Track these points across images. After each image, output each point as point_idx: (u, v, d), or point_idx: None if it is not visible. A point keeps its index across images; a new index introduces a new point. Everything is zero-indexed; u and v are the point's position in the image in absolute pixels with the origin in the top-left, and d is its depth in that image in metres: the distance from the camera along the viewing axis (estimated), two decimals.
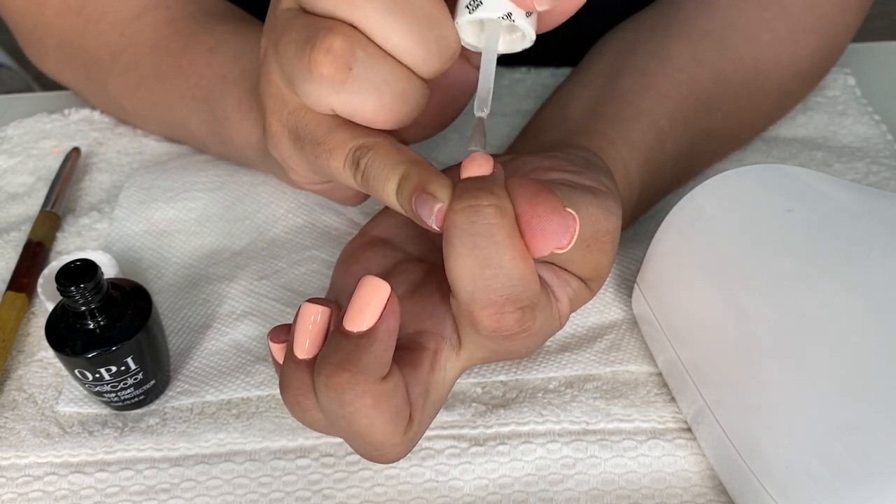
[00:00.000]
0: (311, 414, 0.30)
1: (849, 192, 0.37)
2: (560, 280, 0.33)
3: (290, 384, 0.30)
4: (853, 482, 0.28)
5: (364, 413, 0.28)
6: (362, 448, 0.31)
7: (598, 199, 0.32)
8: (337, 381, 0.28)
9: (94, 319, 0.35)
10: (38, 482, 0.36)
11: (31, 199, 0.49)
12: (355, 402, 0.28)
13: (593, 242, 0.31)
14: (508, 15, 0.30)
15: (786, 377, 0.31)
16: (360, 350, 0.28)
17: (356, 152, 0.31)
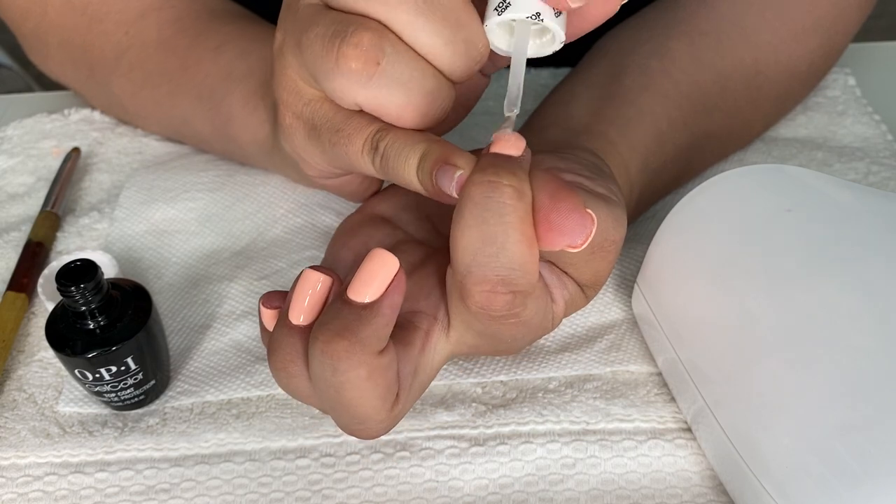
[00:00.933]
0: (297, 381, 0.30)
1: (849, 192, 0.37)
2: (559, 281, 0.33)
3: (280, 349, 0.30)
4: (853, 482, 0.28)
5: (356, 384, 0.28)
6: (346, 420, 0.31)
7: (609, 208, 0.32)
8: (334, 349, 0.28)
9: (94, 319, 0.35)
10: (38, 482, 0.36)
11: (31, 200, 0.49)
12: (349, 371, 0.28)
13: (598, 250, 0.31)
14: (537, 15, 0.30)
15: (786, 377, 0.31)
16: (361, 320, 0.28)
17: (376, 135, 0.31)
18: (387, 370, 0.29)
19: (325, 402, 0.30)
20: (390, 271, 0.29)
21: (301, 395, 0.31)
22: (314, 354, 0.28)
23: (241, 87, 0.44)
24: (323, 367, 0.28)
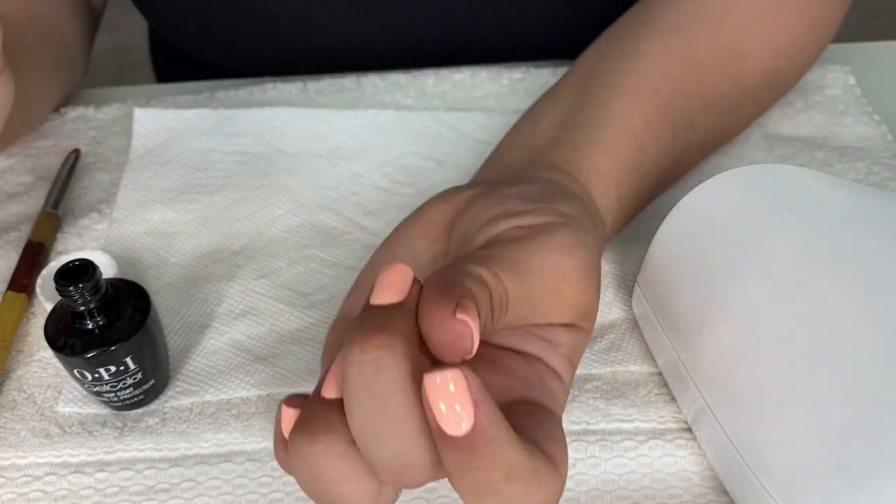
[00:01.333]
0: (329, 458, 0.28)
1: (849, 193, 0.37)
2: (548, 345, 0.32)
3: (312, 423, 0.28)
4: (853, 482, 0.28)
5: (402, 384, 0.26)
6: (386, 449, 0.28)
7: (552, 239, 0.31)
8: (374, 345, 0.26)
9: (92, 319, 0.35)
10: (38, 482, 0.36)
11: (29, 199, 0.49)
12: (394, 367, 0.26)
13: (561, 286, 0.31)
14: None
15: (786, 377, 0.31)
16: (393, 314, 0.27)
17: None
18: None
19: (371, 437, 0.27)
20: (407, 277, 0.27)
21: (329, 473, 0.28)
22: (352, 362, 0.26)
23: None
24: (364, 370, 0.26)
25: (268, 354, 0.40)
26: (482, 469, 0.25)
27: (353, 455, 0.27)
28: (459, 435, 0.24)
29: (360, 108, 0.52)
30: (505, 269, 0.29)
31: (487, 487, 0.25)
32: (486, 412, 0.24)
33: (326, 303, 0.42)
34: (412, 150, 0.50)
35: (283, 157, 0.50)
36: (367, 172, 0.49)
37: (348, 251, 0.45)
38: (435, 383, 0.24)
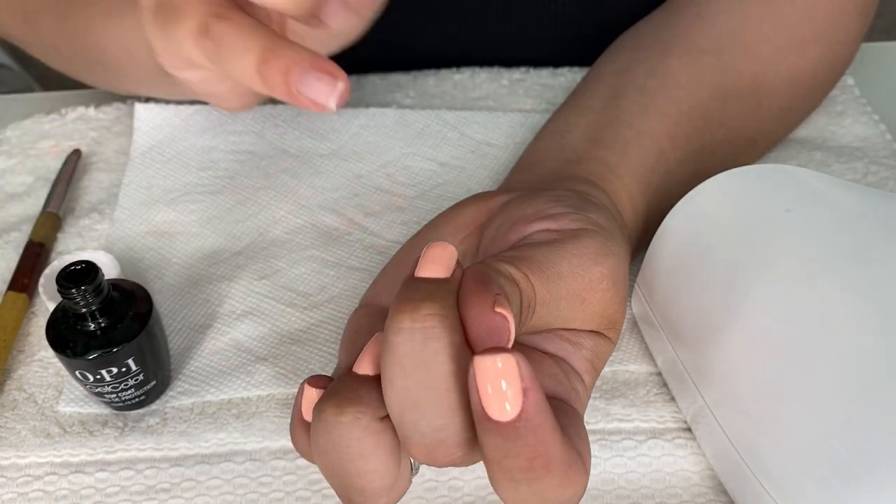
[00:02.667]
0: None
1: (848, 192, 0.37)
2: (573, 346, 0.32)
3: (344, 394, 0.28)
4: (853, 482, 0.28)
5: (453, 351, 0.26)
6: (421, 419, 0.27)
7: (581, 246, 0.31)
8: (427, 313, 0.25)
9: (94, 321, 0.35)
10: (39, 482, 0.36)
11: (30, 199, 0.49)
12: (443, 337, 0.25)
13: (588, 293, 0.30)
14: None
15: (786, 377, 0.31)
16: (442, 287, 0.26)
17: (208, 17, 0.29)
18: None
19: (414, 392, 0.26)
20: (452, 256, 0.27)
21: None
22: (400, 330, 0.26)
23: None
24: (413, 337, 0.25)
25: (268, 355, 0.40)
26: (522, 457, 0.25)
27: (379, 431, 0.27)
28: (504, 420, 0.24)
29: (361, 108, 0.53)
30: (535, 271, 0.29)
31: (525, 475, 0.25)
32: (534, 400, 0.24)
33: (328, 303, 0.42)
34: (414, 151, 0.50)
35: (285, 156, 0.50)
36: (368, 173, 0.49)
37: (350, 252, 0.45)
38: (485, 365, 0.24)
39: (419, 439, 0.26)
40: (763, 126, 0.46)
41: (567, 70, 0.55)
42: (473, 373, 0.24)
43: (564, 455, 0.26)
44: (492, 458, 0.26)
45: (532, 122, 0.52)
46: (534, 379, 0.24)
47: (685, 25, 0.45)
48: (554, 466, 0.26)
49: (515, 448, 0.25)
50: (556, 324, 0.31)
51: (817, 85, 0.47)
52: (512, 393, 0.24)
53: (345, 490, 0.29)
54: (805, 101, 0.48)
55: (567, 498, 0.27)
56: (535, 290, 0.29)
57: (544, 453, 0.25)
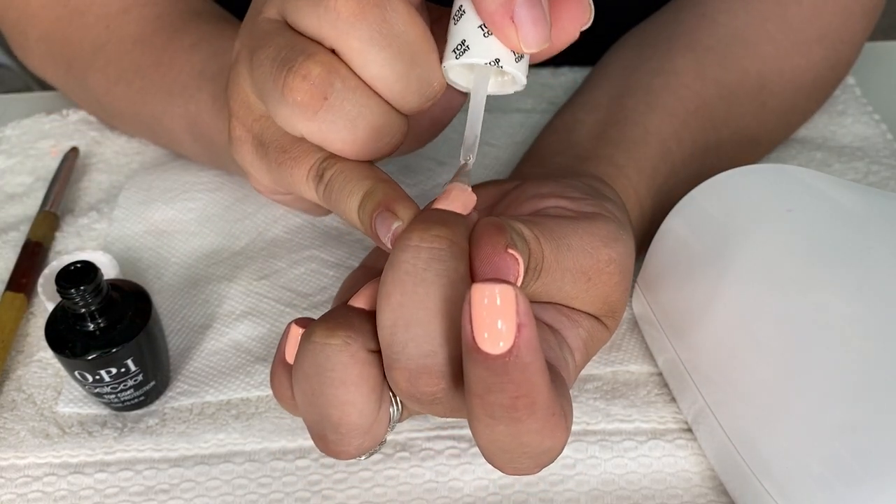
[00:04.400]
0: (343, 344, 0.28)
1: (849, 192, 0.37)
2: (570, 321, 0.32)
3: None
4: (853, 482, 0.28)
5: (454, 276, 0.26)
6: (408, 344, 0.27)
7: (594, 227, 0.31)
8: (436, 235, 0.26)
9: (93, 321, 0.35)
10: (38, 483, 0.36)
11: (29, 199, 0.49)
12: (450, 260, 0.26)
13: (594, 273, 0.30)
14: (496, 61, 0.29)
15: (786, 377, 0.31)
16: (457, 218, 0.27)
17: (322, 163, 0.30)
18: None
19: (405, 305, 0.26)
20: (472, 198, 0.28)
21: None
22: (407, 247, 0.26)
23: (210, 86, 0.43)
24: (418, 255, 0.26)
25: (268, 355, 0.40)
26: (507, 393, 0.24)
27: (366, 363, 0.27)
28: (493, 353, 0.24)
29: None
30: (546, 235, 0.29)
31: (506, 414, 0.25)
32: (527, 337, 0.24)
33: (327, 303, 0.42)
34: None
35: None
36: None
37: (349, 251, 0.45)
38: (483, 293, 0.23)
39: (405, 362, 0.26)
40: (766, 125, 0.46)
41: (567, 70, 0.55)
42: (469, 299, 0.24)
43: (549, 401, 0.25)
44: (475, 391, 0.25)
45: (532, 122, 0.52)
46: (530, 316, 0.24)
47: (690, 24, 0.45)
48: (537, 409, 0.25)
49: (501, 384, 0.24)
50: (558, 297, 0.31)
51: (820, 86, 0.47)
52: (506, 327, 0.23)
53: (320, 425, 0.28)
54: (808, 101, 0.48)
55: (543, 449, 0.26)
56: (544, 254, 0.29)
57: (529, 394, 0.24)
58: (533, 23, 0.28)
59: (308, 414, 0.29)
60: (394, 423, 0.30)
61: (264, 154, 0.32)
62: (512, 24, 0.28)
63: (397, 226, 0.28)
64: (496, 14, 0.28)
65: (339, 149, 0.30)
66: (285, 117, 0.29)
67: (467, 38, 0.29)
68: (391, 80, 0.29)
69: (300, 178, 0.31)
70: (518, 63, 0.30)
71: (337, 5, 0.28)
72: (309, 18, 0.29)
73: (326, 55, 0.29)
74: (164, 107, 0.46)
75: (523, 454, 0.26)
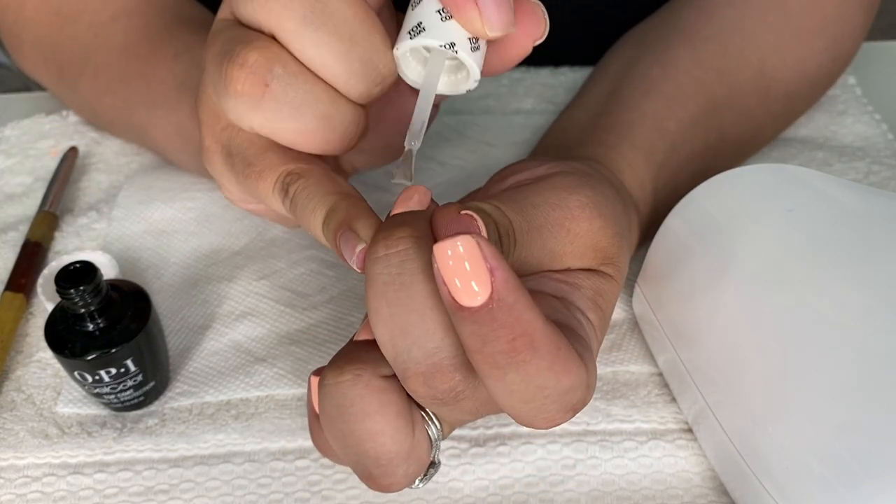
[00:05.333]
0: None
1: (849, 192, 0.37)
2: (570, 286, 0.31)
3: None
4: (853, 482, 0.28)
5: (430, 270, 0.25)
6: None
7: (554, 181, 0.30)
8: (399, 237, 0.26)
9: (93, 321, 0.35)
10: (37, 483, 0.36)
11: (28, 200, 0.49)
12: (420, 256, 0.25)
13: (569, 221, 0.30)
14: (451, 45, 0.28)
15: (786, 377, 0.31)
16: (414, 215, 0.27)
17: (286, 178, 0.30)
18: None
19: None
20: (427, 194, 0.28)
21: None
22: (376, 260, 0.26)
23: (191, 97, 0.42)
24: (389, 262, 0.26)
25: (267, 355, 0.40)
26: (502, 339, 0.24)
27: (383, 389, 0.27)
28: (475, 305, 0.23)
29: None
30: (505, 203, 0.29)
31: (510, 359, 0.24)
32: (502, 278, 0.23)
33: (327, 304, 0.42)
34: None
35: None
36: (368, 173, 0.49)
37: None
38: (445, 251, 0.23)
39: (415, 367, 0.26)
40: (771, 113, 0.46)
41: (567, 70, 0.55)
42: (436, 264, 0.23)
43: (549, 335, 0.25)
44: (472, 348, 0.24)
45: (532, 122, 0.52)
46: (498, 257, 0.23)
47: (687, 19, 0.45)
48: (539, 346, 0.24)
49: (493, 331, 0.24)
50: (548, 260, 0.30)
51: (822, 76, 0.47)
52: (478, 275, 0.23)
53: (361, 463, 0.28)
54: (811, 91, 0.48)
55: (563, 389, 0.25)
56: (510, 218, 0.28)
57: (525, 332, 0.24)
58: (496, 5, 0.28)
59: (347, 456, 0.29)
60: (437, 442, 0.30)
61: (231, 165, 0.32)
62: (475, 7, 0.28)
63: (361, 248, 0.27)
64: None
65: (289, 140, 0.29)
66: (233, 110, 0.29)
67: (424, 21, 0.29)
68: (330, 61, 0.28)
69: (266, 192, 0.31)
70: (473, 53, 0.29)
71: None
72: (245, 6, 0.28)
73: (265, 41, 0.28)
74: (148, 118, 0.46)
75: (545, 398, 0.25)
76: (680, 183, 0.41)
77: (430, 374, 0.26)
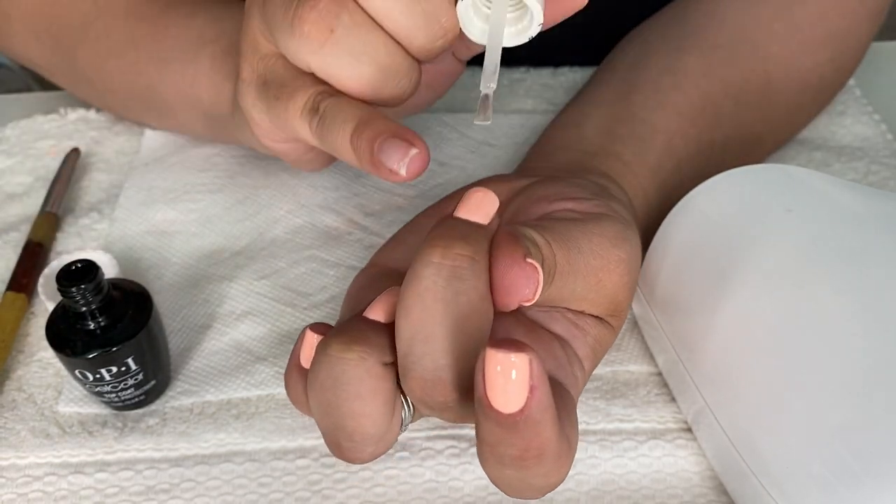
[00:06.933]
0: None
1: (849, 192, 0.37)
2: (579, 331, 0.32)
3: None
4: (853, 482, 0.28)
5: (473, 295, 0.26)
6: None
7: (602, 227, 0.31)
8: (458, 253, 0.26)
9: (94, 320, 0.35)
10: (38, 482, 0.36)
11: (29, 199, 0.49)
12: (471, 279, 0.26)
13: (604, 273, 0.30)
14: None
15: (786, 377, 0.31)
16: (478, 231, 0.27)
17: (317, 96, 0.30)
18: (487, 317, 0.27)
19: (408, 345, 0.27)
20: (494, 203, 0.28)
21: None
22: (429, 263, 0.26)
23: (210, 48, 0.43)
24: (439, 273, 0.26)
25: (268, 355, 0.40)
26: (516, 447, 0.25)
27: (381, 377, 0.28)
28: (505, 412, 0.24)
29: None
30: (557, 240, 0.29)
31: (515, 463, 0.25)
32: (538, 398, 0.24)
33: (328, 303, 0.42)
34: None
35: None
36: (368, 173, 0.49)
37: (350, 252, 0.45)
38: (498, 358, 0.24)
39: (420, 373, 0.26)
40: (772, 124, 0.46)
41: (567, 70, 0.55)
42: (483, 360, 0.24)
43: (558, 448, 0.26)
44: (485, 440, 0.25)
45: (532, 122, 0.52)
46: (543, 377, 0.24)
47: (697, 22, 0.45)
48: (546, 459, 0.26)
49: (511, 439, 0.25)
50: (569, 300, 0.31)
51: (825, 87, 0.47)
52: (518, 389, 0.24)
53: (334, 433, 0.29)
54: (813, 102, 0.48)
55: (550, 484, 0.27)
56: (556, 258, 0.29)
57: (538, 447, 0.25)
58: None
59: (323, 421, 0.29)
60: (406, 425, 0.30)
61: (265, 92, 0.32)
62: None
63: (415, 152, 0.27)
64: None
65: (343, 85, 0.30)
66: (294, 49, 0.29)
67: None
68: (396, 13, 0.29)
69: (295, 113, 0.31)
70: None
71: None
72: None
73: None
74: (159, 75, 0.45)
75: (529, 488, 0.27)
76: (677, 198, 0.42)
77: (432, 384, 0.27)
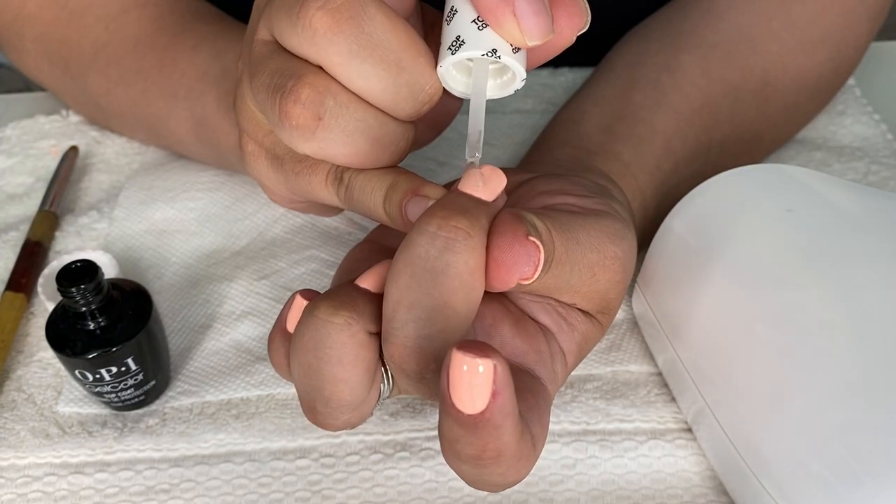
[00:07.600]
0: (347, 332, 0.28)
1: (849, 192, 0.37)
2: (567, 325, 0.32)
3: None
4: (853, 482, 0.28)
5: (461, 270, 0.26)
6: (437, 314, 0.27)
7: (601, 223, 0.31)
8: (454, 225, 0.26)
9: (94, 320, 0.35)
10: (38, 483, 0.36)
11: (29, 200, 0.49)
12: (463, 252, 0.26)
13: (599, 268, 0.30)
14: (493, 51, 0.29)
15: (786, 377, 0.31)
16: (480, 207, 0.27)
17: (339, 167, 0.31)
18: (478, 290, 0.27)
19: (418, 291, 0.27)
20: (502, 180, 0.28)
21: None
22: (424, 231, 0.26)
23: (214, 89, 0.43)
24: (433, 243, 0.26)
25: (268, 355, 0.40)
26: (474, 447, 0.25)
27: (365, 345, 0.28)
28: (466, 412, 0.24)
29: None
30: (557, 229, 0.29)
31: (471, 460, 0.26)
32: (500, 404, 0.24)
33: None
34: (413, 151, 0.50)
35: None
36: None
37: None
38: (463, 361, 0.24)
39: (402, 340, 0.27)
40: (769, 123, 0.46)
41: (567, 70, 0.55)
42: (449, 362, 0.24)
43: (516, 451, 0.26)
44: (444, 436, 0.26)
45: (532, 122, 0.52)
46: (507, 382, 0.24)
47: (695, 21, 0.45)
48: (503, 461, 0.26)
49: (469, 438, 0.25)
50: (562, 291, 0.31)
51: (823, 87, 0.47)
52: (481, 392, 0.24)
53: (311, 397, 0.29)
54: (810, 101, 0.48)
55: (507, 482, 0.27)
56: (555, 245, 0.29)
57: (496, 449, 0.25)
58: (535, 14, 0.28)
59: (301, 384, 0.29)
60: (383, 399, 0.31)
61: (280, 166, 0.33)
62: (513, 18, 0.28)
63: (433, 203, 0.28)
64: (497, 9, 0.28)
65: (343, 161, 0.30)
66: (287, 139, 0.30)
67: (462, 34, 0.29)
68: (379, 89, 0.29)
69: (319, 185, 0.31)
70: (516, 54, 0.29)
71: (312, 22, 0.28)
72: (290, 38, 0.29)
73: (315, 75, 0.29)
74: (168, 109, 0.46)
75: (485, 484, 0.27)
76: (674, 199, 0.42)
77: (412, 351, 0.27)
